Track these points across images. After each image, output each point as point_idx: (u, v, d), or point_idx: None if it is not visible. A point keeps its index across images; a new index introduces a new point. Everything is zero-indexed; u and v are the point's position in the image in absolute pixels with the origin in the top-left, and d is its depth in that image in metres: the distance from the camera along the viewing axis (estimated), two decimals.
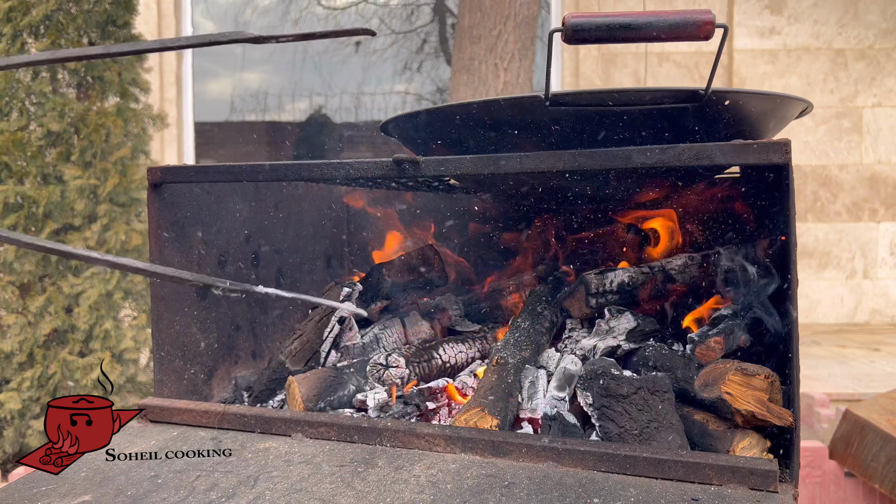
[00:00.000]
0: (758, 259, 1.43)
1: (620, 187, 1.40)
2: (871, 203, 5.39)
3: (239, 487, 1.00)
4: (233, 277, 1.53)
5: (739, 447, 1.05)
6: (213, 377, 1.49)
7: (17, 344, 3.04)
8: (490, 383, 1.22)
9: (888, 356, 4.03)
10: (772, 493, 0.93)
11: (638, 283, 1.40)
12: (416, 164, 1.14)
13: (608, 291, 1.38)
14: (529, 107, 1.10)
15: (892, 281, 5.37)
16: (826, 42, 5.39)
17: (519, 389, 1.25)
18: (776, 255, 1.24)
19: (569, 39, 0.96)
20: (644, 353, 1.27)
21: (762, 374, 1.05)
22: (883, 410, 2.32)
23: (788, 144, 0.96)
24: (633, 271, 1.41)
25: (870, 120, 5.38)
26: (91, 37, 3.19)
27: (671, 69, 5.43)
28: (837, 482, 2.36)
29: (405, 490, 0.98)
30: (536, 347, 1.37)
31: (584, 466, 1.02)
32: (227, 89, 6.09)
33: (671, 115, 1.10)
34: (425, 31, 6.22)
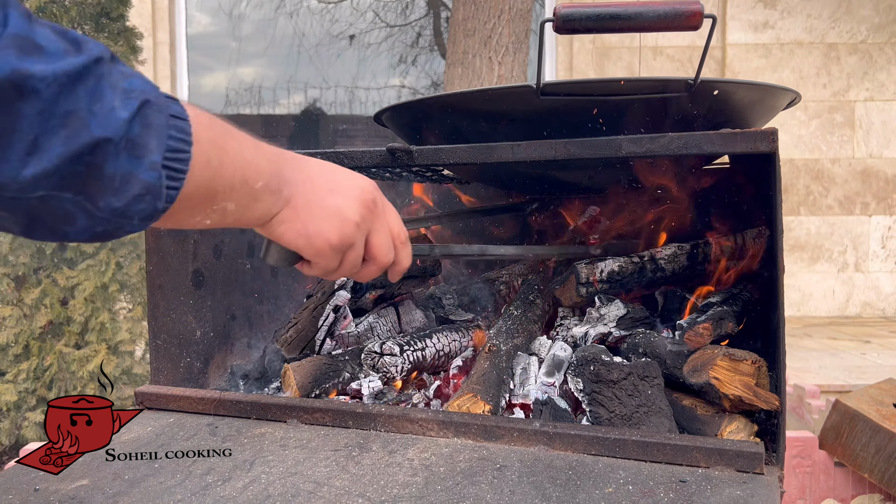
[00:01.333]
0: (746, 247, 1.46)
1: (612, 177, 1.41)
2: (862, 197, 5.42)
3: (235, 471, 1.02)
4: (227, 268, 1.55)
5: (727, 431, 1.07)
6: (209, 365, 1.50)
7: (13, 336, 3.05)
8: (482, 370, 1.24)
9: (879, 348, 4.07)
10: (758, 475, 0.95)
11: (627, 272, 1.42)
12: (410, 154, 1.15)
13: (598, 280, 1.40)
14: (521, 97, 1.12)
15: (884, 274, 5.41)
16: (819, 36, 5.42)
17: (511, 376, 1.27)
18: (764, 242, 1.27)
19: (559, 29, 0.98)
20: (634, 339, 1.29)
21: (749, 360, 1.07)
22: (872, 401, 2.35)
23: (775, 133, 0.98)
24: (623, 261, 1.43)
25: (862, 114, 5.41)
26: (85, 29, 3.19)
27: (665, 63, 5.45)
28: (827, 472, 2.38)
29: (399, 473, 0.99)
30: (528, 335, 1.39)
31: (574, 450, 1.04)
32: (221, 83, 6.09)
33: (661, 105, 1.11)
34: (420, 25, 6.23)
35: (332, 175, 0.81)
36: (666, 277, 1.46)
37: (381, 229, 0.86)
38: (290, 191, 0.76)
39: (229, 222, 0.72)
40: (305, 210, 0.77)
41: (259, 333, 1.66)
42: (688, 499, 0.90)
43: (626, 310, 1.37)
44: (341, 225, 0.79)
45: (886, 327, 4.86)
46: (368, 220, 0.83)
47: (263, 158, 0.72)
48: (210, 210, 0.67)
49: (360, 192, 0.82)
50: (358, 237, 0.82)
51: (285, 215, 0.76)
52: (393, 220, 0.88)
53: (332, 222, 0.79)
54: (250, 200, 0.71)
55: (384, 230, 0.86)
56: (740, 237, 1.46)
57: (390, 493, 0.94)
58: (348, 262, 0.83)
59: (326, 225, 0.78)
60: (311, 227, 0.78)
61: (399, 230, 0.89)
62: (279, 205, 0.75)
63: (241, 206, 0.70)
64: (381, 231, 0.85)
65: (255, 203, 0.72)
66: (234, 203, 0.69)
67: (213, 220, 0.69)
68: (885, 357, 3.80)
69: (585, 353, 1.17)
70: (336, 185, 0.81)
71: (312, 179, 0.79)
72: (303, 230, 0.77)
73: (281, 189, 0.74)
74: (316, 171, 0.80)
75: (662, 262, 1.44)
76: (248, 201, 0.71)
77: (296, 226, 0.77)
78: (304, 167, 0.79)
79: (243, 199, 0.70)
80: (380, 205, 0.85)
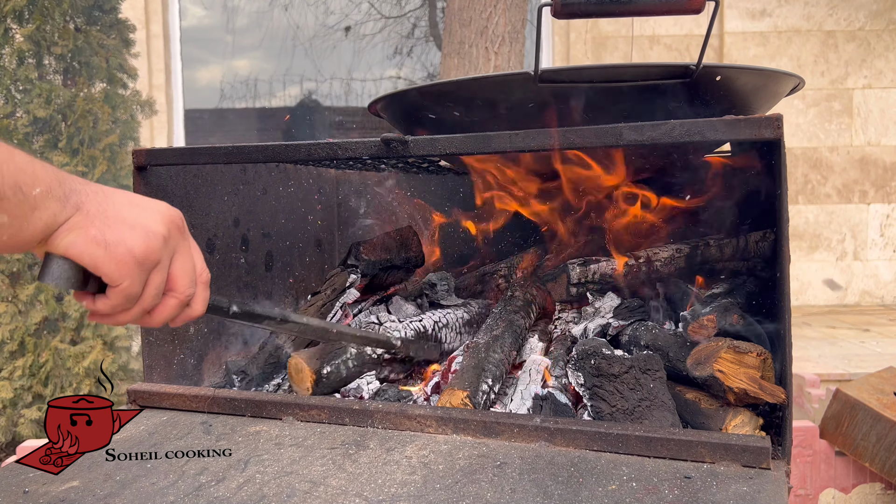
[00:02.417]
0: (749, 240, 1.43)
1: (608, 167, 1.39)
2: (861, 185, 5.40)
3: (229, 471, 1.00)
4: (221, 262, 1.52)
5: (732, 425, 1.05)
6: (203, 362, 1.48)
7: (8, 333, 3.03)
8: (462, 365, 1.22)
9: (878, 336, 4.05)
10: (764, 470, 0.93)
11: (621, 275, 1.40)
12: (405, 144, 1.13)
13: (589, 281, 1.38)
14: (519, 84, 1.09)
15: (882, 262, 5.39)
16: (817, 24, 5.38)
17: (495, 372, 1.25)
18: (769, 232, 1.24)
19: (558, 14, 0.95)
20: (635, 332, 1.27)
21: (755, 352, 1.05)
22: (873, 390, 2.34)
23: (780, 119, 0.95)
24: (617, 265, 1.40)
25: (860, 102, 5.38)
26: (77, 22, 3.15)
27: (662, 52, 5.41)
28: (828, 461, 2.37)
29: (397, 471, 0.97)
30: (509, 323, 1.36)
31: (576, 446, 1.02)
32: (216, 76, 6.04)
33: (662, 91, 1.09)
34: (415, 16, 6.18)
35: (132, 195, 0.72)
36: (662, 278, 1.44)
37: (186, 254, 0.75)
38: (79, 199, 0.66)
39: (4, 241, 0.61)
40: (101, 218, 0.66)
41: (253, 330, 1.63)
42: (693, 495, 0.87)
43: (619, 299, 1.35)
44: (146, 235, 0.68)
45: (885, 315, 4.85)
46: (175, 238, 0.73)
47: (40, 167, 0.63)
48: None
49: (165, 209, 0.73)
50: (164, 255, 0.71)
51: (76, 222, 0.65)
52: (197, 255, 0.78)
53: (134, 232, 0.68)
54: (27, 210, 0.61)
55: (189, 257, 0.76)
56: (742, 239, 1.43)
57: (388, 492, 0.92)
58: (152, 287, 0.71)
59: (129, 234, 0.67)
60: (110, 234, 0.66)
61: (203, 267, 0.79)
62: (66, 212, 0.64)
63: (15, 217, 0.61)
64: (185, 256, 0.75)
65: (33, 213, 0.62)
66: (6, 214, 0.60)
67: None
68: (884, 345, 3.79)
69: (586, 346, 1.15)
70: (138, 201, 0.71)
71: (107, 192, 0.69)
72: (99, 237, 0.65)
73: (68, 196, 0.64)
74: (111, 189, 0.70)
75: (658, 265, 1.42)
76: (25, 211, 0.61)
77: (89, 232, 0.65)
78: (94, 184, 0.69)
79: (17, 209, 0.60)
80: (186, 230, 0.76)
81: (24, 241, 0.63)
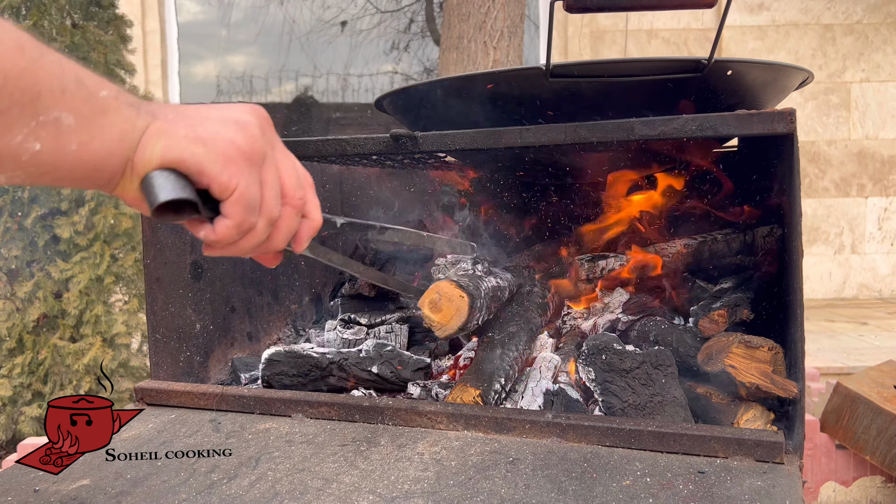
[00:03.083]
0: (756, 235, 1.43)
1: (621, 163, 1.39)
2: (859, 178, 5.41)
3: (240, 468, 0.99)
4: (226, 258, 1.52)
5: (744, 419, 1.05)
6: (209, 359, 1.47)
7: (6, 330, 3.01)
8: (475, 360, 1.22)
9: (876, 330, 4.07)
10: (778, 465, 0.93)
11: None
12: (415, 140, 1.12)
13: (597, 277, 1.38)
14: (530, 79, 1.08)
15: (880, 255, 5.41)
16: (814, 17, 5.38)
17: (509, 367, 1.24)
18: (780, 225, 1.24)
19: (571, 8, 0.94)
20: (645, 327, 1.26)
21: (766, 346, 1.05)
22: (873, 383, 2.34)
23: (793, 114, 0.95)
24: (625, 260, 1.40)
25: (858, 95, 5.39)
26: (74, 18, 3.13)
27: (660, 46, 5.41)
28: (829, 454, 2.38)
29: (409, 468, 0.97)
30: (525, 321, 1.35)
31: (588, 441, 1.01)
32: (212, 72, 6.02)
33: (673, 86, 1.08)
34: (412, 10, 6.16)
35: (202, 106, 0.64)
36: (670, 273, 1.44)
37: (283, 149, 0.67)
38: (151, 107, 0.58)
39: (73, 151, 0.53)
40: (184, 118, 0.59)
41: (259, 325, 1.63)
42: (707, 490, 0.87)
43: (628, 295, 1.35)
44: (240, 126, 0.61)
45: (883, 309, 4.86)
46: (269, 131, 0.65)
47: (104, 78, 0.56)
48: (36, 123, 0.50)
49: (249, 107, 0.65)
50: (267, 148, 0.63)
51: (158, 127, 0.57)
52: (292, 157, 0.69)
53: (227, 125, 0.60)
54: (95, 112, 0.53)
55: (287, 153, 0.67)
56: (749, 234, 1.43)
57: (402, 488, 0.91)
58: (269, 186, 0.62)
59: (223, 127, 0.60)
60: (202, 130, 0.58)
61: (303, 170, 0.69)
62: (143, 119, 0.57)
63: (83, 119, 0.53)
64: (283, 152, 0.67)
65: (104, 118, 0.54)
66: (72, 114, 0.52)
67: (45, 143, 0.51)
68: (882, 339, 3.80)
69: (596, 341, 1.15)
70: (210, 106, 0.64)
71: (174, 104, 0.61)
72: (192, 134, 0.58)
73: (139, 104, 0.57)
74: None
75: (667, 261, 1.42)
76: (93, 112, 0.53)
77: (179, 132, 0.57)
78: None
79: (83, 106, 0.52)
80: (273, 131, 0.67)
81: (98, 154, 0.54)
